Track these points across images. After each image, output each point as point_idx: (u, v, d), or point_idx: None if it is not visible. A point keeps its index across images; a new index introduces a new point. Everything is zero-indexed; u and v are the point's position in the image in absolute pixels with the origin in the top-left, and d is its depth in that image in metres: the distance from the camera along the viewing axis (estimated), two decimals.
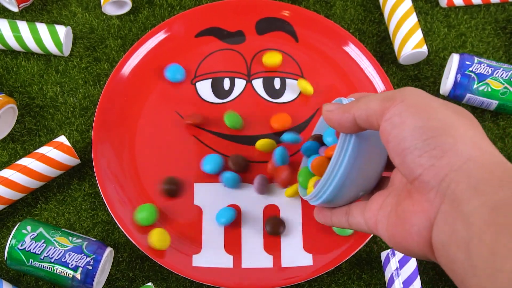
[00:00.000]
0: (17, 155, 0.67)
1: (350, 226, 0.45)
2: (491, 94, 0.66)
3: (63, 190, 0.65)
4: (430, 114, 0.38)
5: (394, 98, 0.39)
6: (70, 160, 0.64)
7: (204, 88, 0.69)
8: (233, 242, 0.62)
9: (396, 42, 0.71)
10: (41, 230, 0.58)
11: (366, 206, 0.43)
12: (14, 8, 0.73)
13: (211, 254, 0.61)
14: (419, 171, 0.37)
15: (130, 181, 0.64)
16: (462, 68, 0.66)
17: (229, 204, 0.64)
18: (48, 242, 0.58)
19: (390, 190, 0.42)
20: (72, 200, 0.65)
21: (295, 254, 0.62)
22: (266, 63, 0.70)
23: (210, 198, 0.64)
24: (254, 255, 0.61)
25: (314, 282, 0.62)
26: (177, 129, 0.67)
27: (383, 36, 0.74)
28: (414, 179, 0.38)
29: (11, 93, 0.70)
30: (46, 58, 0.71)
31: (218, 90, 0.69)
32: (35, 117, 0.69)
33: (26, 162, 0.63)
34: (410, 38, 0.70)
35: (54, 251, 0.57)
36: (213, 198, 0.64)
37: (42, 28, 0.69)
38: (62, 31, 0.69)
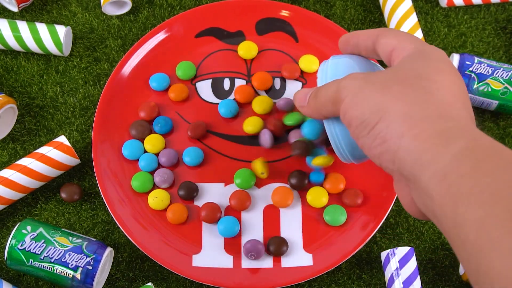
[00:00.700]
0: (17, 155, 0.67)
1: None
2: (491, 94, 0.66)
3: None
4: (365, 106, 0.41)
5: (339, 99, 0.44)
6: (70, 160, 0.64)
7: (204, 88, 0.69)
8: (233, 242, 0.62)
9: None
10: (41, 230, 0.58)
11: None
12: (14, 8, 0.73)
13: (211, 254, 0.61)
14: (378, 162, 0.42)
15: (130, 181, 0.64)
16: (462, 68, 0.66)
17: (228, 204, 0.64)
18: (48, 242, 0.58)
19: None
20: None
21: (295, 254, 0.62)
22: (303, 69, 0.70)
23: (210, 198, 0.64)
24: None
25: (314, 282, 0.62)
26: (177, 129, 0.67)
27: None
28: (381, 167, 0.42)
29: (11, 93, 0.70)
30: (46, 58, 0.71)
31: (218, 90, 0.69)
32: (35, 117, 0.69)
33: (26, 162, 0.63)
34: None
35: (54, 251, 0.57)
36: (213, 198, 0.64)
37: (42, 28, 0.69)
38: (62, 31, 0.69)
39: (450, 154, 0.36)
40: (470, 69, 0.66)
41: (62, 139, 0.64)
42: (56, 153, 0.63)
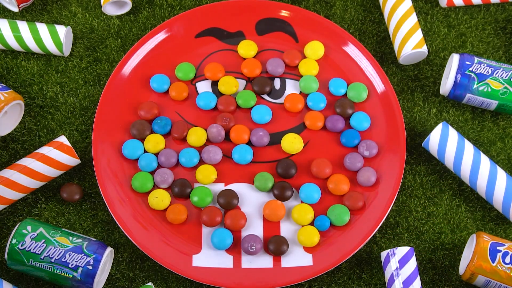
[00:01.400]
0: (17, 155, 0.67)
1: None
2: (491, 94, 0.66)
3: None
4: None
5: None
6: (70, 160, 0.64)
7: (204, 88, 0.69)
8: (233, 242, 0.62)
9: (396, 42, 0.71)
10: (41, 230, 0.58)
11: None
12: (14, 8, 0.73)
13: (211, 254, 0.61)
14: None
15: (130, 180, 0.64)
16: (462, 68, 0.66)
17: None
18: (48, 242, 0.58)
19: None
20: None
21: (295, 254, 0.62)
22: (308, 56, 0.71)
23: (210, 198, 0.64)
24: (254, 255, 0.61)
25: (314, 282, 0.62)
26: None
27: (383, 36, 0.74)
28: None
29: None
30: (46, 58, 0.71)
31: (218, 90, 0.69)
32: (35, 117, 0.69)
33: (27, 162, 0.63)
34: (410, 38, 0.70)
35: (54, 251, 0.57)
36: (213, 198, 0.64)
37: (42, 28, 0.69)
38: (62, 31, 0.69)
39: None
40: (470, 69, 0.66)
41: (62, 139, 0.64)
42: (56, 153, 0.63)
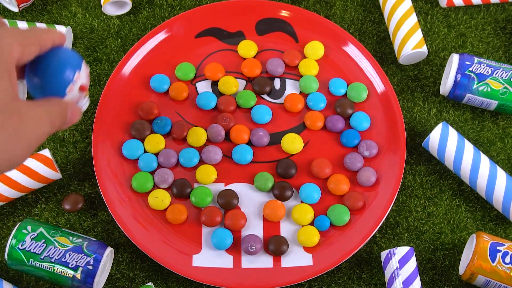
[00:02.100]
0: None
1: None
2: (491, 94, 0.66)
3: (63, 190, 0.65)
4: None
5: None
6: (51, 173, 0.63)
7: (204, 88, 0.69)
8: (233, 242, 0.62)
9: (396, 42, 0.71)
10: (41, 230, 0.58)
11: None
12: (14, 8, 0.73)
13: (211, 254, 0.61)
14: None
15: (130, 180, 0.64)
16: (462, 68, 0.66)
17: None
18: (48, 242, 0.58)
19: None
20: None
21: (295, 254, 0.62)
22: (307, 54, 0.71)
23: (210, 198, 0.64)
24: (254, 255, 0.61)
25: (314, 282, 0.62)
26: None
27: (383, 36, 0.74)
28: None
29: None
30: None
31: (218, 90, 0.69)
32: None
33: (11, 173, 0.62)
34: (410, 38, 0.70)
35: (55, 251, 0.57)
36: (214, 198, 0.64)
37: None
38: (62, 31, 0.69)
39: None
40: (470, 69, 0.66)
41: (46, 153, 0.63)
42: (37, 165, 0.62)
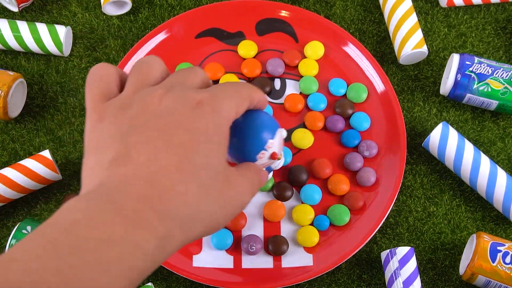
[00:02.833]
0: (17, 155, 0.66)
1: None
2: (491, 94, 0.66)
3: (63, 190, 0.65)
4: None
5: None
6: (51, 174, 0.63)
7: None
8: (233, 242, 0.62)
9: (396, 42, 0.71)
10: None
11: None
12: (14, 8, 0.73)
13: (211, 254, 0.61)
14: None
15: None
16: (462, 68, 0.66)
17: None
18: None
19: None
20: None
21: (295, 254, 0.62)
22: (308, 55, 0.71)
23: None
24: (255, 255, 0.61)
25: (314, 282, 0.62)
26: None
27: (383, 36, 0.74)
28: None
29: None
30: (46, 58, 0.71)
31: None
32: (35, 117, 0.69)
33: (6, 172, 0.62)
34: (410, 38, 0.70)
35: None
36: None
37: (42, 28, 0.69)
38: (62, 31, 0.69)
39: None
40: (470, 69, 0.66)
41: (46, 154, 0.63)
42: (37, 166, 0.62)
